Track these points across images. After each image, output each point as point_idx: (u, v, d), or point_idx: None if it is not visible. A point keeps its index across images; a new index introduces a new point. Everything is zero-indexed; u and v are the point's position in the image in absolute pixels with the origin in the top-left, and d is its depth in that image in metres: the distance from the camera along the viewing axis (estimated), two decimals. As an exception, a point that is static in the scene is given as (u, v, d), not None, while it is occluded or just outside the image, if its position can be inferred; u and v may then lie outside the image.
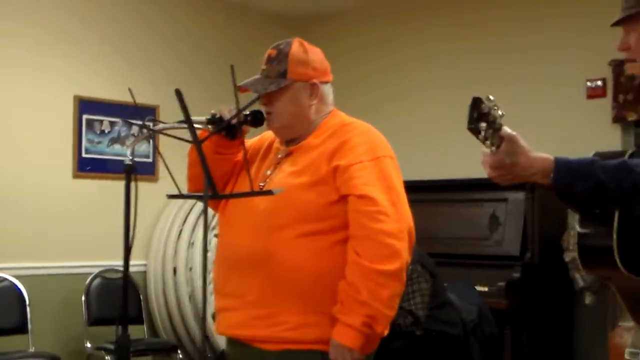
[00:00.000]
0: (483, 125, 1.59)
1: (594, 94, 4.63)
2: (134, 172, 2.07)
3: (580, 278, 4.29)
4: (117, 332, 2.09)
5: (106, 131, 5.24)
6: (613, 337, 3.96)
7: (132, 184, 2.11)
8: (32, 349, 4.50)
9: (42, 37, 4.98)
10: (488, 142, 1.62)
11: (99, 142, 5.21)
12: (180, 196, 2.18)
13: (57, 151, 5.02)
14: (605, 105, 4.59)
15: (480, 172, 5.08)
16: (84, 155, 5.14)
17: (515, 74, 4.97)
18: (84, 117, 5.14)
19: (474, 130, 1.60)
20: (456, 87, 5.29)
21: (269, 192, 1.97)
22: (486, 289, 4.27)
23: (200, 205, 5.28)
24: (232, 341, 2.25)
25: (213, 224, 5.32)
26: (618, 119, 4.53)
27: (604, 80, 4.60)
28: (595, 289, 4.29)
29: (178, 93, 1.90)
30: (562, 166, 1.65)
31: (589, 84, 4.66)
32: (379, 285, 2.04)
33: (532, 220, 4.44)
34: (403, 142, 2.27)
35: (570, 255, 4.31)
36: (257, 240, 2.13)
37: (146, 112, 5.11)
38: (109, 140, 5.25)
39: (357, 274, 2.05)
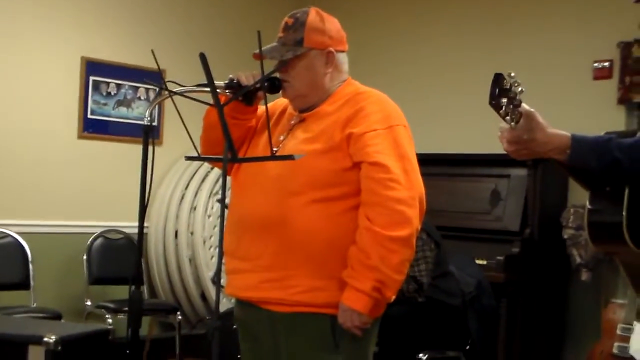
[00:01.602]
0: (504, 100, 1.62)
1: (601, 75, 4.65)
2: (153, 133, 2.10)
3: (577, 255, 4.35)
4: (130, 290, 2.13)
5: (112, 93, 5.26)
6: (606, 313, 4.04)
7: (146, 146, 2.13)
8: (34, 305, 4.56)
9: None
10: (508, 118, 1.66)
11: (104, 104, 5.23)
12: (199, 158, 2.21)
13: (63, 111, 5.04)
14: (611, 87, 4.62)
15: (483, 147, 5.10)
16: (89, 116, 5.16)
17: (522, 54, 4.98)
18: (91, 78, 5.15)
19: (495, 105, 1.63)
20: (461, 66, 5.32)
21: (290, 157, 1.99)
22: (485, 262, 4.33)
23: (202, 170, 5.35)
24: (241, 303, 2.30)
25: (215, 189, 5.40)
26: (623, 100, 4.56)
27: (611, 61, 4.62)
28: (592, 266, 4.36)
29: (202, 57, 1.92)
30: (579, 143, 1.69)
31: (595, 64, 4.68)
32: (389, 250, 2.08)
33: (533, 196, 4.49)
34: (408, 115, 2.29)
35: (569, 232, 4.37)
36: (270, 205, 2.17)
37: (152, 76, 5.12)
38: (114, 103, 5.27)
39: (367, 240, 2.09)
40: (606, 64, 4.64)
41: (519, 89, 1.65)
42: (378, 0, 5.87)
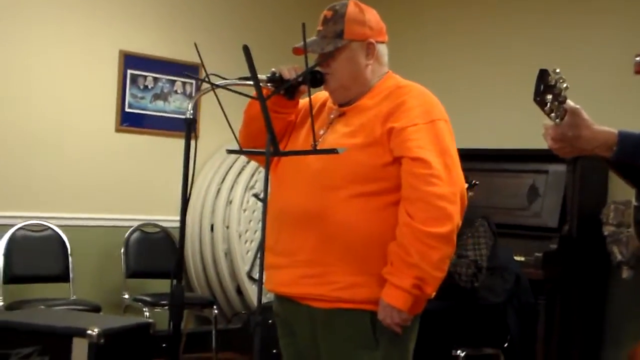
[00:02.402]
0: (549, 97, 1.60)
1: (643, 69, 4.57)
2: (194, 127, 2.10)
3: (618, 252, 4.28)
4: (172, 284, 2.13)
5: (149, 87, 5.29)
6: (649, 312, 3.97)
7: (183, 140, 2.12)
8: (73, 297, 4.61)
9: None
10: (553, 115, 1.63)
11: (142, 98, 5.27)
12: (241, 152, 2.20)
13: (101, 104, 5.08)
14: (653, 81, 4.54)
15: (521, 142, 5.03)
16: (127, 109, 5.20)
17: (562, 47, 4.91)
18: (129, 72, 5.19)
19: (540, 102, 1.60)
20: (500, 60, 5.26)
21: (334, 151, 1.98)
22: (523, 259, 4.28)
23: (239, 164, 5.37)
24: (281, 298, 2.29)
25: (251, 183, 5.41)
26: (665, 94, 4.48)
27: (654, 55, 4.54)
28: (633, 264, 4.28)
29: (246, 49, 1.91)
30: (626, 140, 1.65)
31: (637, 58, 4.59)
32: (429, 247, 2.05)
33: (572, 192, 4.42)
34: (446, 109, 2.26)
35: (609, 229, 4.30)
36: (310, 199, 2.15)
37: (189, 69, 5.15)
38: (151, 96, 5.31)
39: (408, 236, 2.06)
40: (649, 57, 4.55)
41: (564, 85, 1.62)
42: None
